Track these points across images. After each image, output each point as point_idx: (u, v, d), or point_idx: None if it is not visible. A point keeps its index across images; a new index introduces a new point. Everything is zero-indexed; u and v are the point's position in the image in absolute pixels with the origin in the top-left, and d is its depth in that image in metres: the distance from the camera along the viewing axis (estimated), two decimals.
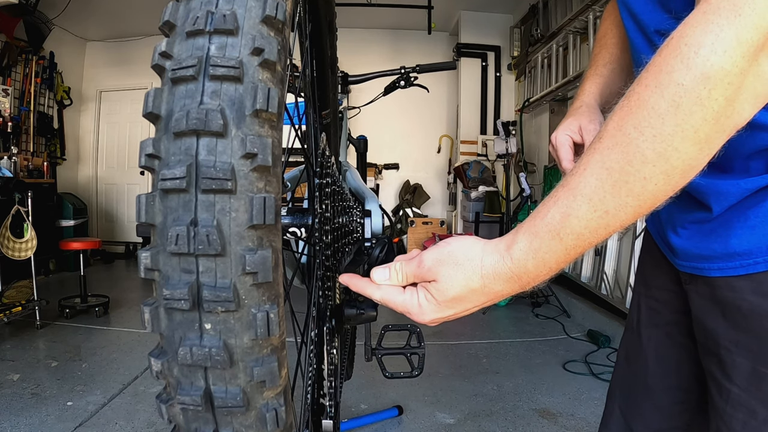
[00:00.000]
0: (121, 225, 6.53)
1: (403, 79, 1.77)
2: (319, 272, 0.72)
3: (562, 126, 0.74)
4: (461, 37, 5.96)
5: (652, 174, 0.37)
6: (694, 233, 0.59)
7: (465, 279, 0.45)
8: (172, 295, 0.36)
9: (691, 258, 0.60)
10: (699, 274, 0.59)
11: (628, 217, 0.39)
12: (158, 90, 0.39)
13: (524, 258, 0.43)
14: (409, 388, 2.34)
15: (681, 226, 0.61)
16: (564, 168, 0.72)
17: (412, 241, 5.79)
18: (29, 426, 1.88)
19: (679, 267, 0.64)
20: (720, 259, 0.55)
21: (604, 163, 0.39)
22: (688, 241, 0.60)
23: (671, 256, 0.66)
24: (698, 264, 0.59)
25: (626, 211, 0.39)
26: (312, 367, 0.69)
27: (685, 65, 0.36)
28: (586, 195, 0.39)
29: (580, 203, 0.39)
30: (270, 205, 0.37)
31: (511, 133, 4.58)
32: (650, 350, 0.72)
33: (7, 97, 4.70)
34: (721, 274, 0.55)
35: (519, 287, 0.45)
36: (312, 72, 0.83)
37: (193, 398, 0.38)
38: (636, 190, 0.38)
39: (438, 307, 0.47)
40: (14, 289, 3.57)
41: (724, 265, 0.55)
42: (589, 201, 0.39)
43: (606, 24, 0.80)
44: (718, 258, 0.56)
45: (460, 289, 0.46)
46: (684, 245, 0.61)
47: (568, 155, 0.72)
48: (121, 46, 6.30)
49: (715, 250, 0.56)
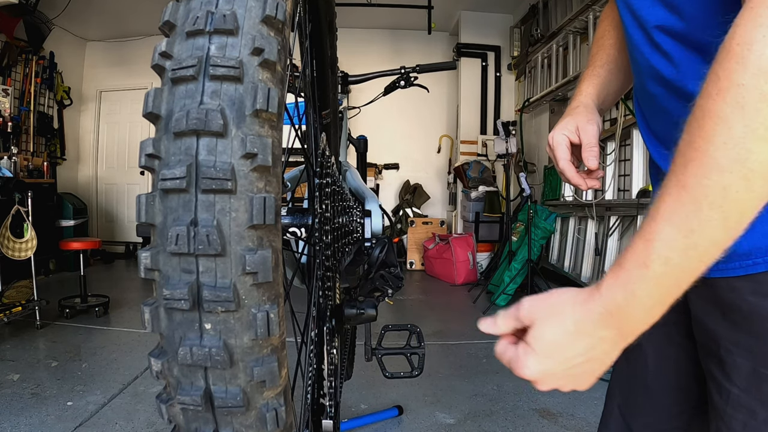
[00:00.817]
0: (121, 225, 6.53)
1: (403, 79, 1.77)
2: (319, 272, 0.72)
3: (559, 126, 0.73)
4: (461, 37, 5.95)
5: (731, 182, 0.36)
6: None
7: (558, 321, 0.43)
8: (172, 295, 0.36)
9: None
10: None
11: (717, 233, 0.37)
12: (158, 90, 0.39)
13: (612, 292, 0.41)
14: (409, 388, 2.34)
15: None
16: (561, 168, 0.71)
17: (412, 241, 5.79)
18: (29, 426, 1.88)
19: None
20: (721, 260, 0.55)
21: (679, 181, 0.38)
22: None
23: None
24: None
25: (712, 226, 0.37)
26: (312, 367, 0.69)
27: (741, 65, 0.35)
28: (666, 217, 0.38)
29: (662, 226, 0.38)
30: (270, 205, 0.37)
31: (511, 133, 4.58)
32: (649, 350, 0.72)
33: (7, 97, 4.70)
34: (721, 275, 0.55)
35: (616, 329, 0.42)
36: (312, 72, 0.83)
37: (193, 398, 0.38)
38: (717, 201, 0.36)
39: (536, 355, 0.44)
40: (14, 289, 3.57)
41: (723, 266, 0.54)
42: (670, 222, 0.38)
43: (604, 25, 0.80)
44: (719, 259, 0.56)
45: (553, 332, 0.43)
46: None
47: (565, 155, 0.71)
48: (121, 46, 6.30)
49: None
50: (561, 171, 0.72)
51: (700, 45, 0.52)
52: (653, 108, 0.62)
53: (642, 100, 0.65)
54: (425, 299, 4.35)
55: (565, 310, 0.43)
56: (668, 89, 0.57)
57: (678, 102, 0.55)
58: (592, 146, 0.69)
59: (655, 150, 0.65)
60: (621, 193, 3.52)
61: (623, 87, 0.79)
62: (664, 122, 0.61)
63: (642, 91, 0.63)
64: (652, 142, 0.65)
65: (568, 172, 0.72)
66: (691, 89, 0.53)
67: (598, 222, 3.69)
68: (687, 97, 0.53)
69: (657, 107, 0.60)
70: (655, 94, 0.59)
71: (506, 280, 4.01)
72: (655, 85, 0.58)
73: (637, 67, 0.63)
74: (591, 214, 3.68)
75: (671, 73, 0.55)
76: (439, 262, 5.18)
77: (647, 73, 0.59)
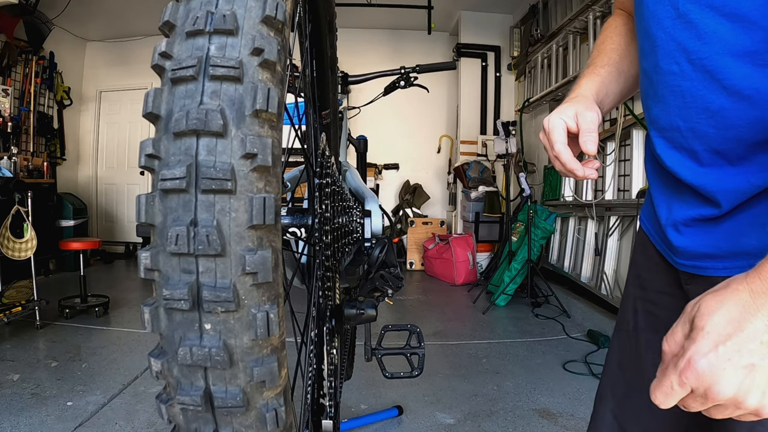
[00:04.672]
0: (121, 225, 6.53)
1: (403, 79, 1.77)
2: (319, 272, 0.72)
3: (556, 111, 0.67)
4: (461, 37, 5.95)
5: None
6: (698, 231, 0.57)
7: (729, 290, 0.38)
8: (172, 296, 0.36)
9: (694, 257, 0.59)
10: (701, 274, 0.58)
11: None
12: (158, 90, 0.39)
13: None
14: (409, 388, 2.34)
15: (684, 224, 0.59)
16: (556, 152, 0.64)
17: (412, 241, 5.79)
18: (29, 426, 1.88)
19: (680, 267, 0.62)
20: (726, 258, 0.54)
21: None
22: (691, 239, 0.58)
23: (671, 256, 0.64)
24: (701, 263, 0.58)
25: None
26: (312, 367, 0.69)
27: None
28: None
29: None
30: (270, 205, 0.37)
31: (511, 133, 4.59)
32: (649, 356, 0.70)
33: (7, 97, 4.70)
34: (727, 273, 0.52)
35: None
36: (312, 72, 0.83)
37: (193, 398, 0.38)
38: None
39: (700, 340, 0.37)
40: (14, 289, 3.57)
41: (730, 264, 0.53)
42: None
43: (606, 33, 0.78)
44: (724, 257, 0.54)
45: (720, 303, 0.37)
46: (686, 243, 0.59)
47: (561, 137, 0.64)
48: (121, 46, 6.29)
49: (721, 248, 0.54)
50: (555, 155, 0.65)
51: (736, 14, 0.48)
52: (666, 89, 0.57)
53: (653, 82, 0.60)
54: (425, 299, 4.34)
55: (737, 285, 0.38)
56: (689, 65, 0.53)
57: (694, 80, 0.53)
58: (590, 131, 0.63)
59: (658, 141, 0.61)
60: (621, 194, 3.51)
61: (623, 92, 0.75)
62: (672, 106, 0.57)
63: (654, 71, 0.59)
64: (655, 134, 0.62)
65: (563, 155, 0.63)
66: (712, 65, 0.50)
67: (598, 222, 3.69)
68: (709, 72, 0.51)
69: (669, 88, 0.56)
70: (670, 72, 0.55)
71: (506, 280, 4.01)
72: (671, 63, 0.55)
73: (652, 45, 0.58)
74: (591, 214, 3.68)
75: (695, 45, 0.52)
76: (439, 263, 5.18)
77: (665, 49, 0.56)
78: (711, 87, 0.51)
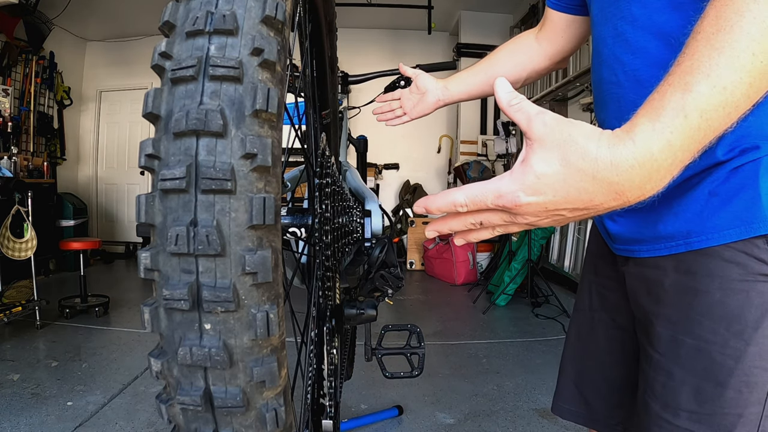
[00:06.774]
0: (121, 225, 6.53)
1: (403, 78, 1.77)
2: (319, 272, 0.72)
3: None
4: (461, 37, 5.95)
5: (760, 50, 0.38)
6: (628, 219, 0.66)
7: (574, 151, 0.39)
8: (172, 296, 0.36)
9: (626, 242, 0.68)
10: (631, 256, 0.68)
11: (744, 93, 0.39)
12: (158, 90, 0.39)
13: (648, 140, 0.38)
14: (409, 388, 2.34)
15: (618, 214, 0.68)
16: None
17: (412, 241, 5.79)
18: (29, 426, 1.88)
19: (616, 251, 0.72)
20: (648, 242, 0.63)
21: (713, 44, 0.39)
22: (623, 227, 0.68)
23: (610, 243, 0.73)
24: (631, 247, 0.67)
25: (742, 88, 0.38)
26: (312, 367, 0.69)
27: None
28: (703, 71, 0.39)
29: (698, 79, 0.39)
30: (270, 206, 0.37)
31: (511, 133, 4.58)
32: (600, 331, 0.80)
33: (7, 97, 4.70)
34: (649, 255, 0.63)
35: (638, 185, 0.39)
36: (312, 72, 0.83)
37: (192, 398, 0.38)
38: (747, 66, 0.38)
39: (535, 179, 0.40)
40: (14, 289, 3.57)
41: (651, 247, 0.63)
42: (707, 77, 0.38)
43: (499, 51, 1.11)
44: (647, 241, 0.63)
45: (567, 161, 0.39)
46: (620, 230, 0.69)
47: None
48: (121, 46, 6.30)
49: (645, 234, 0.64)
50: None
51: (661, 32, 0.58)
52: (607, 96, 0.67)
53: (601, 91, 0.70)
54: (425, 299, 4.35)
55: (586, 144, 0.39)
56: (624, 75, 0.63)
57: (628, 89, 0.63)
58: None
59: None
60: None
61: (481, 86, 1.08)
62: (612, 110, 0.67)
63: (600, 81, 0.69)
64: None
65: None
66: (642, 75, 0.61)
67: None
68: (639, 81, 0.61)
69: (610, 95, 0.67)
70: (610, 81, 0.66)
71: (506, 280, 4.01)
72: (611, 74, 0.65)
73: (599, 60, 0.69)
74: None
75: (629, 59, 0.62)
76: (439, 262, 5.18)
77: (607, 62, 0.66)
78: (641, 93, 0.59)
